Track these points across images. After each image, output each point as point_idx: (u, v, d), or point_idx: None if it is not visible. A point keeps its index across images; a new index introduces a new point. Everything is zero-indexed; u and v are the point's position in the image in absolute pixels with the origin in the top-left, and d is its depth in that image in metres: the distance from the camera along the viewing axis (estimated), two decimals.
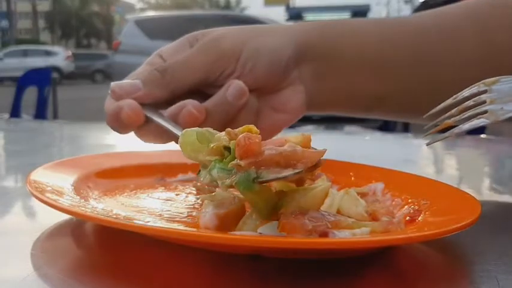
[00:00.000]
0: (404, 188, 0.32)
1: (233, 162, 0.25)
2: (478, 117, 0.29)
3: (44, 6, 32.61)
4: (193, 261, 0.25)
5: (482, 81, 0.30)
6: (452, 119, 0.30)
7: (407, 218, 0.29)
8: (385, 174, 0.35)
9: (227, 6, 33.58)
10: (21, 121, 1.82)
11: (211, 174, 0.26)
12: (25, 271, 0.24)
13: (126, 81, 0.37)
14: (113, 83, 0.36)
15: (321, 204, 0.28)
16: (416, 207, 0.30)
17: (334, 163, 0.39)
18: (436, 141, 0.30)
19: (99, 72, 18.19)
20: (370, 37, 0.42)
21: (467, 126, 0.29)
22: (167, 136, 0.35)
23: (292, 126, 0.44)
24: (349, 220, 0.26)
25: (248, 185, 0.25)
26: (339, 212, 0.28)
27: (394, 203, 0.32)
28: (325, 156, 0.40)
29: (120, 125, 0.35)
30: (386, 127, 2.41)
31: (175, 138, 0.33)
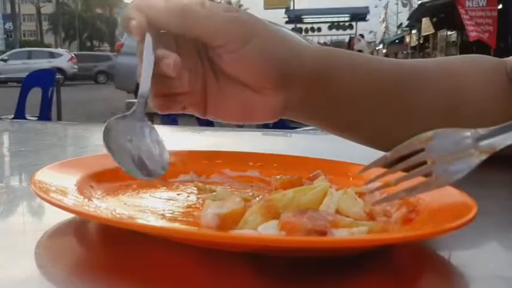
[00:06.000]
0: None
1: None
2: (424, 181, 0.27)
3: (47, 8, 32.69)
4: (196, 260, 0.25)
5: (416, 138, 0.28)
6: (395, 180, 0.29)
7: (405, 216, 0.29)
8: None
9: None
10: (25, 122, 1.83)
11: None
12: (29, 269, 0.24)
13: None
14: None
15: (320, 203, 0.28)
16: (414, 206, 0.30)
17: (333, 163, 0.40)
18: (380, 203, 0.29)
19: (102, 73, 18.20)
20: (355, 67, 0.46)
21: (414, 192, 0.27)
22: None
23: (292, 127, 0.45)
24: (347, 220, 0.26)
25: None
26: (337, 211, 0.29)
27: (391, 203, 0.32)
28: (324, 156, 0.41)
29: (125, 24, 0.38)
30: None
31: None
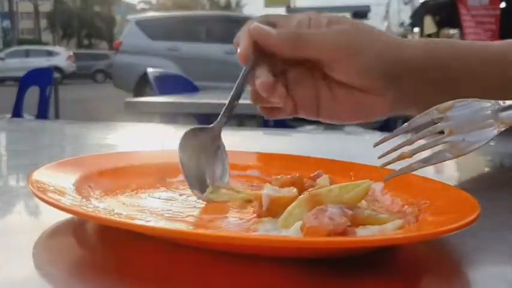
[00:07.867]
0: (404, 188, 0.33)
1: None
2: (440, 150, 0.27)
3: (45, 6, 32.63)
4: (194, 261, 0.25)
5: (435, 107, 0.28)
6: (410, 150, 0.29)
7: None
8: (384, 174, 0.35)
9: (227, 6, 33.60)
10: (23, 121, 1.83)
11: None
12: (27, 270, 0.24)
13: (264, 26, 0.41)
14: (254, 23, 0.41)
15: (360, 200, 0.29)
16: (416, 207, 0.30)
17: (334, 163, 0.40)
18: (395, 176, 0.29)
19: (100, 72, 18.21)
20: (457, 53, 0.45)
21: (429, 163, 0.27)
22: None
23: (292, 126, 0.46)
24: (366, 212, 0.27)
25: None
26: None
27: (393, 204, 0.32)
28: (325, 156, 0.41)
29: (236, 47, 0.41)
30: (386, 127, 2.40)
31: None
